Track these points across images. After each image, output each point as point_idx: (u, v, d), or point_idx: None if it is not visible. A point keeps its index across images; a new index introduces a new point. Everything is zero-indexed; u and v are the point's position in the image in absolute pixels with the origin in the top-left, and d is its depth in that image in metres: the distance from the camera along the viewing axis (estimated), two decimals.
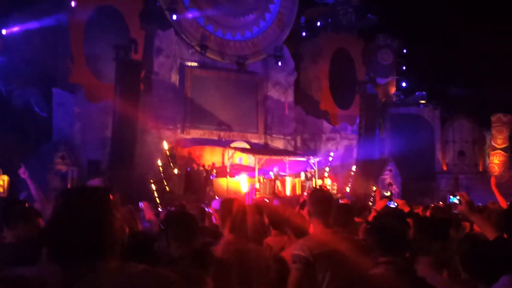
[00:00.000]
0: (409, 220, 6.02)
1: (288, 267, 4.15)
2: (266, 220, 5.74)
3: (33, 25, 23.98)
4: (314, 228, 4.27)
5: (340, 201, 10.55)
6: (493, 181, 8.63)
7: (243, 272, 3.94)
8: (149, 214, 7.26)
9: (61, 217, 2.13)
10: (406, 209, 6.87)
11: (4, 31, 24.14)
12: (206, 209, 8.59)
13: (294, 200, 19.67)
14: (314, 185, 28.12)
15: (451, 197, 16.05)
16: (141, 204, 7.87)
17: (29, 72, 24.03)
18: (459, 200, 4.30)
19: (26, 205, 4.94)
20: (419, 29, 35.81)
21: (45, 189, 22.33)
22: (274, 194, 18.87)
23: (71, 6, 25.28)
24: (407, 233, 3.36)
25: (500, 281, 2.17)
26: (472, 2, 35.27)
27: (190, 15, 29.66)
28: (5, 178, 21.56)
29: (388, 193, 27.16)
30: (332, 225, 4.21)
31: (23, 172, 6.84)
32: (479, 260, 3.36)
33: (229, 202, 4.37)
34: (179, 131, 29.54)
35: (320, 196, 4.35)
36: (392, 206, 6.95)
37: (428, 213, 7.07)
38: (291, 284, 3.88)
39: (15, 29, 23.93)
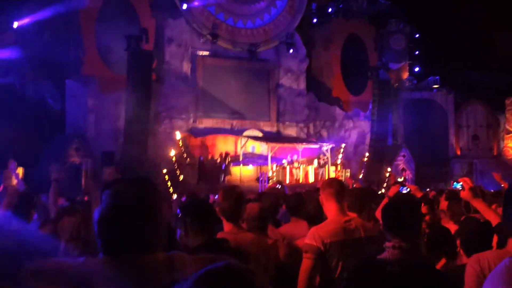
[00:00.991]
0: (425, 206, 6.04)
1: (298, 254, 4.18)
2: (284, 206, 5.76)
3: (44, 16, 24.02)
4: (328, 215, 4.27)
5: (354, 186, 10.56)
6: (497, 177, 8.50)
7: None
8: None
9: (113, 211, 2.13)
10: (419, 194, 6.85)
11: (15, 24, 24.23)
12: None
13: (308, 187, 19.71)
14: (327, 172, 28.14)
15: (455, 183, 15.96)
16: None
17: (41, 65, 24.10)
18: (462, 186, 4.27)
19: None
20: (431, 13, 35.45)
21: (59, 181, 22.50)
22: (279, 182, 18.87)
23: None
24: (417, 218, 3.35)
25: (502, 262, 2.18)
26: None
27: (200, 4, 29.58)
28: (20, 170, 21.76)
29: (402, 179, 27.07)
30: (346, 211, 4.22)
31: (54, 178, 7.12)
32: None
33: (227, 191, 4.35)
34: (191, 120, 29.60)
35: (331, 183, 4.37)
36: (405, 191, 6.95)
37: (443, 198, 7.03)
38: (303, 273, 3.92)
39: (26, 20, 23.98)
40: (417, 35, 37.35)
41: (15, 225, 4.84)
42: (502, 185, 8.59)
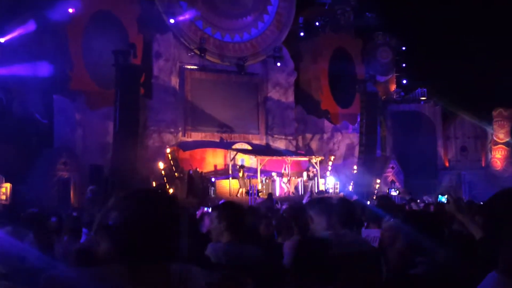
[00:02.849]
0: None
1: None
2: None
3: (30, 31, 24.02)
4: (319, 230, 4.25)
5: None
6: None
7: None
8: None
9: (133, 221, 2.13)
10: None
11: (2, 40, 24.19)
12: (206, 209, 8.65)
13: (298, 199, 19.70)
14: (316, 184, 28.21)
15: (439, 196, 15.92)
16: None
17: (29, 80, 24.06)
18: (447, 199, 4.28)
19: None
20: (417, 26, 35.76)
21: (49, 194, 22.43)
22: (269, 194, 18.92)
23: (69, 12, 25.32)
24: (442, 231, 3.38)
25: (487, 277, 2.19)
26: None
27: (188, 18, 29.68)
28: (8, 185, 21.62)
29: (397, 192, 27.11)
30: (335, 226, 4.21)
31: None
32: None
33: (227, 204, 4.41)
34: (180, 134, 29.60)
35: (323, 199, 4.42)
36: (394, 193, 7.00)
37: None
38: None
39: (13, 35, 23.95)
40: (403, 48, 37.63)
41: (10, 244, 4.82)
42: None
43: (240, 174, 26.48)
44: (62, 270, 2.15)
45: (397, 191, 19.36)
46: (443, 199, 4.63)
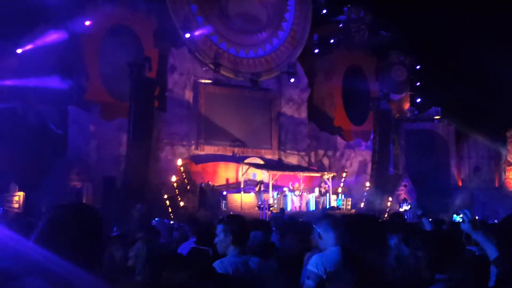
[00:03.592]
0: None
1: None
2: None
3: (47, 43, 24.30)
4: (328, 245, 4.26)
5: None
6: None
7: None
8: None
9: (49, 235, 2.15)
10: None
11: (19, 50, 24.49)
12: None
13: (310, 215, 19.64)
14: (328, 201, 28.14)
15: (454, 215, 15.82)
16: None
17: (44, 90, 24.29)
18: (462, 218, 4.24)
19: None
20: (432, 45, 35.79)
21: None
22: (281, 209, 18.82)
23: (86, 25, 25.62)
24: (459, 250, 3.39)
25: None
26: (485, 17, 35.23)
27: (203, 33, 29.91)
28: (21, 194, 21.76)
29: (408, 207, 26.94)
30: (344, 242, 4.22)
31: None
32: None
33: (232, 218, 4.47)
34: (193, 147, 29.70)
35: (328, 215, 4.43)
36: (406, 207, 6.97)
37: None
38: None
39: (30, 47, 24.24)
40: (418, 67, 37.59)
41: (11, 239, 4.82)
42: None
43: (257, 189, 26.54)
44: None
45: (409, 206, 19.33)
46: (458, 218, 4.60)
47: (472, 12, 35.61)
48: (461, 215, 4.26)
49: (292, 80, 32.39)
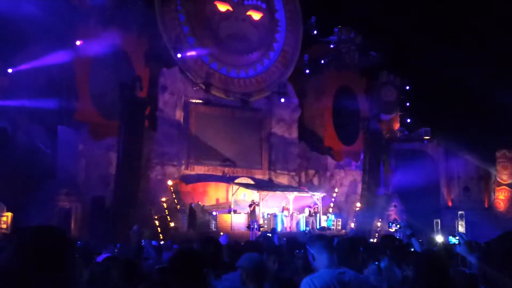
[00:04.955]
0: None
1: None
2: None
3: (38, 63, 24.25)
4: (320, 267, 4.24)
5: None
6: None
7: None
8: None
9: (19, 260, 2.09)
10: None
11: (10, 70, 24.44)
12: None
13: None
14: (318, 221, 28.08)
15: (450, 237, 15.78)
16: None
17: (34, 110, 24.22)
18: (458, 240, 4.23)
19: None
20: (422, 66, 36.04)
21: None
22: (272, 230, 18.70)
23: (76, 44, 25.61)
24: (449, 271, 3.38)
25: None
26: (476, 39, 35.64)
27: (194, 54, 29.99)
28: (9, 214, 21.57)
29: (398, 226, 26.93)
30: (336, 263, 4.21)
31: None
32: None
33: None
34: (183, 167, 29.63)
35: (322, 236, 4.41)
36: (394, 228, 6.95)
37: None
38: None
39: (21, 67, 24.21)
40: (407, 87, 37.81)
41: None
42: None
43: (250, 209, 26.48)
44: None
45: (398, 226, 19.34)
46: (454, 240, 4.59)
47: (463, 34, 36.02)
48: (456, 237, 4.26)
49: (283, 100, 32.49)
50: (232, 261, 4.88)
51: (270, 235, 15.57)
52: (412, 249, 7.45)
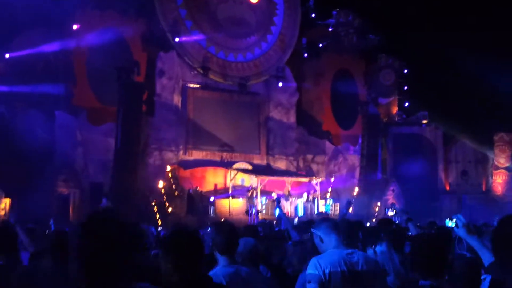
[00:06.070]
0: None
1: None
2: None
3: (36, 48, 24.12)
4: (328, 248, 4.23)
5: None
6: None
7: None
8: None
9: (91, 246, 2.22)
10: None
11: (7, 55, 24.31)
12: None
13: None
14: (316, 206, 28.12)
15: (447, 220, 15.75)
16: None
17: (31, 95, 24.14)
18: (455, 223, 4.19)
19: None
20: (420, 49, 35.89)
21: (48, 211, 22.31)
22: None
23: (73, 29, 25.47)
24: (447, 255, 3.36)
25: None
26: (474, 22, 35.43)
27: (192, 38, 29.83)
28: (7, 201, 21.57)
29: (394, 212, 27.00)
30: (344, 244, 4.20)
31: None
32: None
33: (220, 225, 4.38)
34: (181, 152, 29.58)
35: (327, 218, 4.40)
36: (391, 213, 6.97)
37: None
38: None
39: (18, 52, 24.09)
40: (406, 71, 37.72)
41: None
42: None
43: (249, 194, 26.48)
44: None
45: (394, 211, 19.33)
46: (451, 223, 4.56)
47: (461, 16, 35.84)
48: (454, 220, 4.22)
49: (281, 84, 32.37)
50: None
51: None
52: (410, 233, 7.47)
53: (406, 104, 37.90)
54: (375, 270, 4.12)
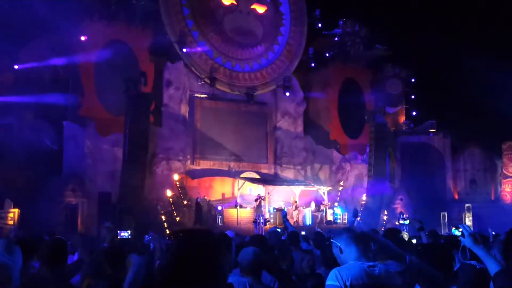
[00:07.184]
0: None
1: None
2: None
3: (44, 60, 24.30)
4: (348, 260, 4.14)
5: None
6: None
7: None
8: None
9: (182, 263, 2.20)
10: None
11: (16, 66, 24.50)
12: None
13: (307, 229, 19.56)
14: (325, 215, 28.06)
15: (453, 229, 15.56)
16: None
17: (40, 106, 24.30)
18: (461, 232, 4.15)
19: None
20: (427, 58, 35.93)
21: (56, 220, 22.40)
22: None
23: (81, 40, 25.65)
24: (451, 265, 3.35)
25: None
26: (480, 31, 35.45)
27: (199, 48, 29.96)
28: (16, 211, 21.63)
29: (407, 221, 26.90)
30: (367, 257, 4.13)
31: None
32: None
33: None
34: (189, 162, 29.63)
35: (347, 228, 4.34)
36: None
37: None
38: None
39: (27, 63, 24.28)
40: (413, 80, 37.68)
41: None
42: None
43: (256, 203, 26.47)
44: None
45: (407, 220, 19.23)
46: (457, 232, 4.49)
47: (468, 26, 35.84)
48: (460, 229, 4.17)
49: (288, 94, 32.43)
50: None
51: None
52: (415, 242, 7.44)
53: (414, 113, 37.84)
54: (397, 284, 4.05)
